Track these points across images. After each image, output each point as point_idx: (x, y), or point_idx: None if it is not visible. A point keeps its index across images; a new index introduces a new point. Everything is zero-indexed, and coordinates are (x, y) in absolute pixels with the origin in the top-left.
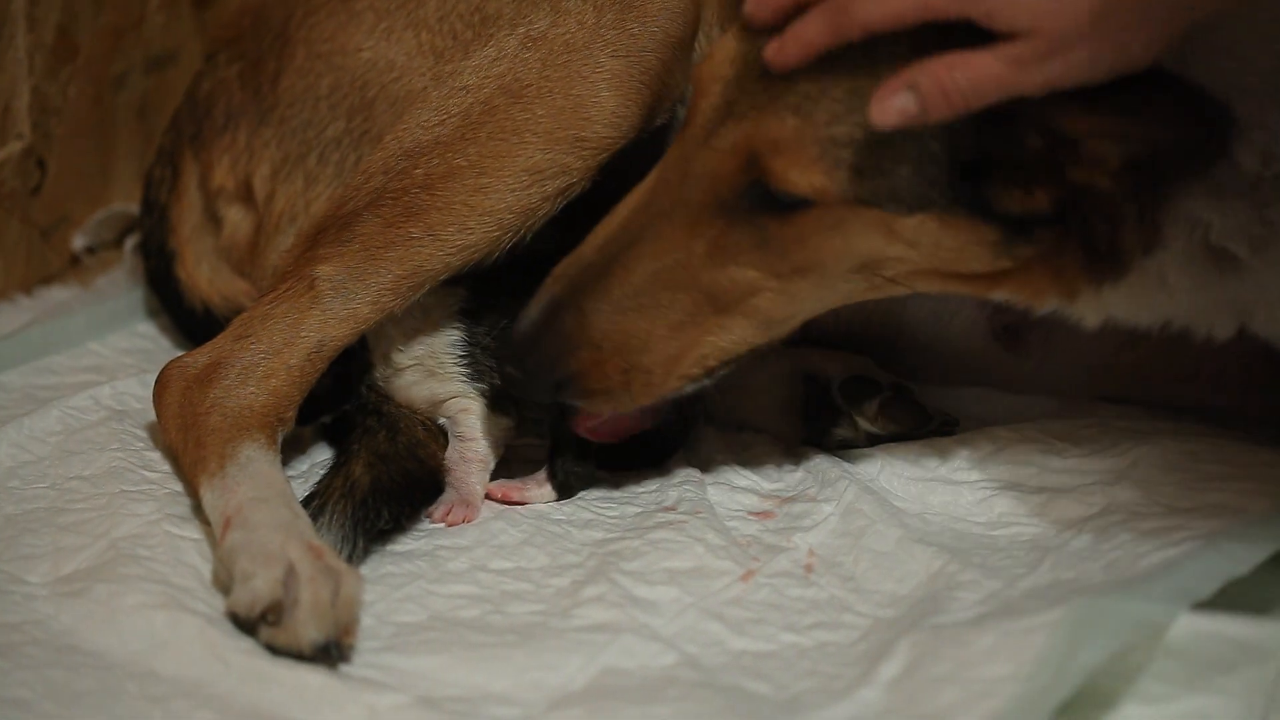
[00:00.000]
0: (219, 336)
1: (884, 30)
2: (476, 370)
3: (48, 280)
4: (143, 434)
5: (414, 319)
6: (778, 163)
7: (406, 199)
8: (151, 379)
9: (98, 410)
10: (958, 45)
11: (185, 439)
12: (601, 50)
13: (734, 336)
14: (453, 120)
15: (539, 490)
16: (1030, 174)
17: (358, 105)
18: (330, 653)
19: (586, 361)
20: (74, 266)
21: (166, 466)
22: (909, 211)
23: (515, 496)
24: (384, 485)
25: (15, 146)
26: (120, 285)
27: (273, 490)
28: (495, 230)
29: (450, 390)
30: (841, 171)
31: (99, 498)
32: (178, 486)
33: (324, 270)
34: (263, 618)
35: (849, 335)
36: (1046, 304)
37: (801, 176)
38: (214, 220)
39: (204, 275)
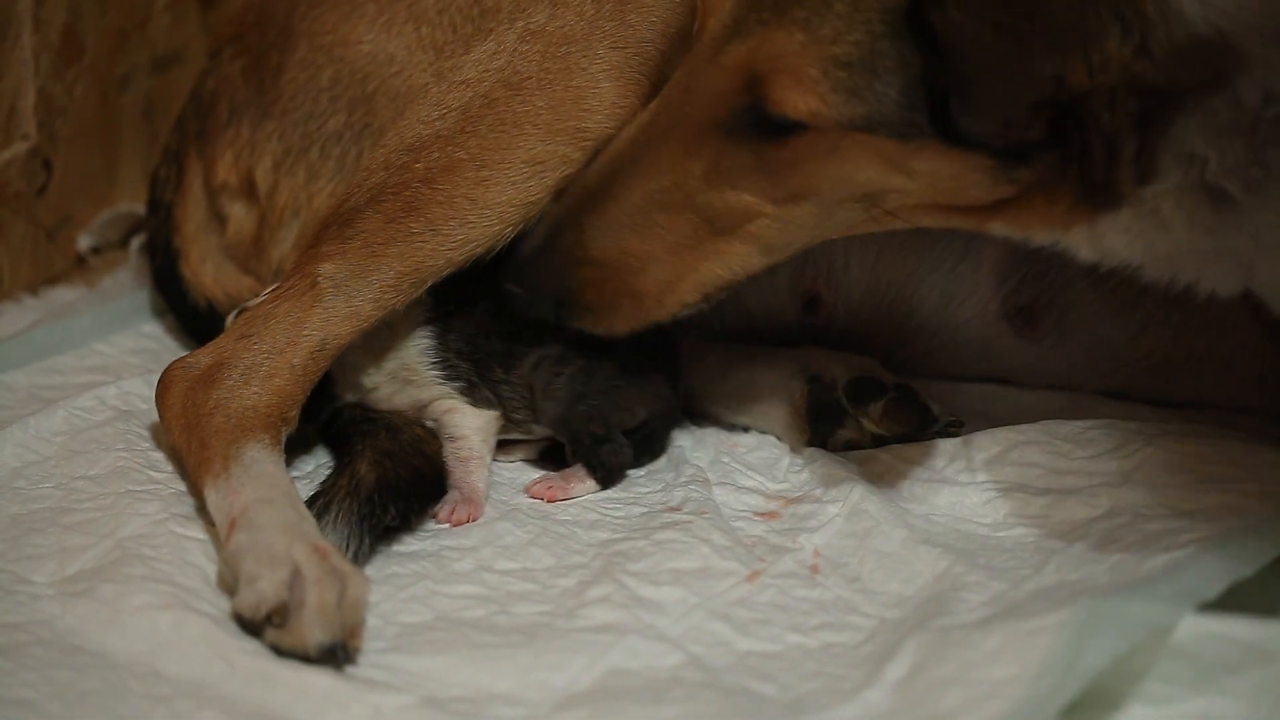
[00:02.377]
0: (221, 336)
1: None
2: (452, 371)
3: (53, 280)
4: (148, 434)
5: (381, 337)
6: (777, 83)
7: (407, 194)
8: (157, 379)
9: (103, 410)
10: None
11: (189, 440)
12: (600, 42)
13: (731, 262)
14: (453, 114)
15: (582, 485)
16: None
17: (358, 98)
18: (336, 655)
19: (586, 278)
20: (79, 267)
21: (172, 466)
22: (903, 138)
23: (560, 495)
24: (390, 482)
25: (21, 147)
26: (125, 285)
27: (277, 491)
28: (497, 223)
29: (431, 394)
30: (838, 95)
31: (104, 497)
32: (183, 486)
33: (326, 268)
34: (268, 620)
35: (858, 319)
36: (1043, 236)
37: (800, 98)
38: (218, 218)
39: (208, 273)
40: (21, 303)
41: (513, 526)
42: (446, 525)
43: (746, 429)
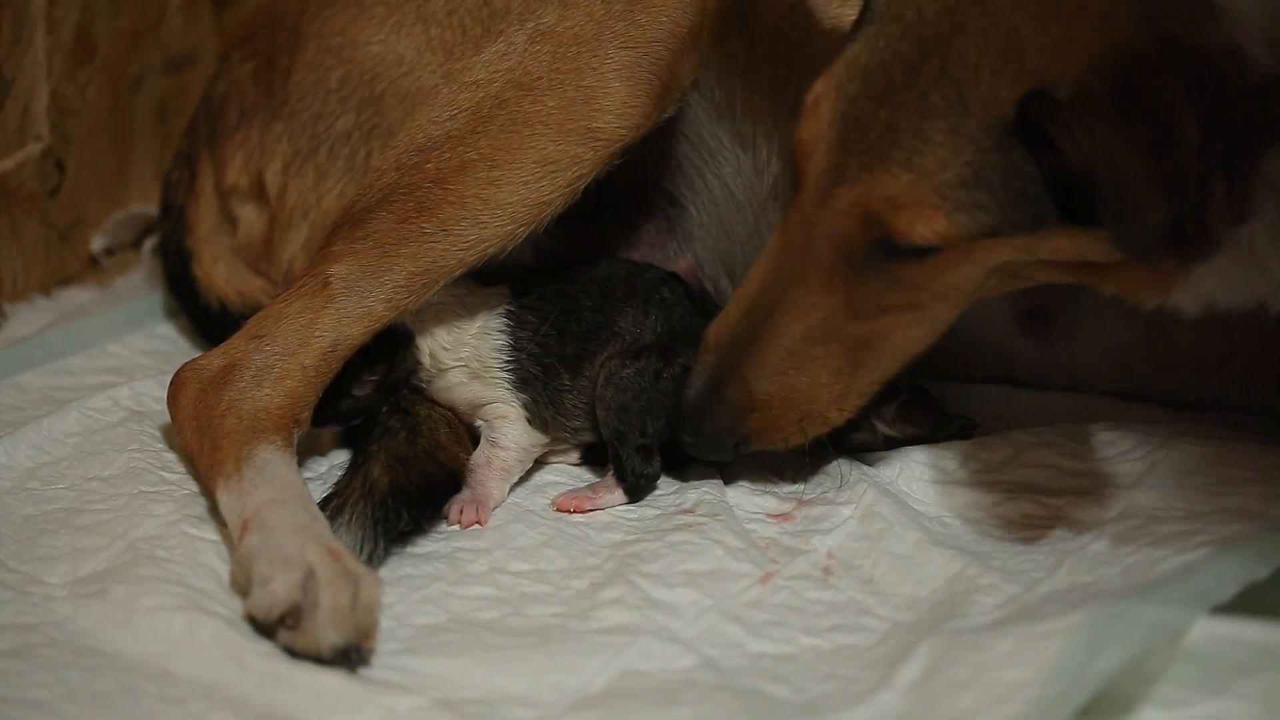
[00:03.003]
0: (233, 337)
1: None
2: (521, 378)
3: (66, 281)
4: (161, 435)
5: (458, 320)
6: (900, 219)
7: (419, 194)
8: (169, 380)
9: (116, 411)
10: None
11: (201, 441)
12: (610, 42)
13: (888, 364)
14: (463, 115)
15: (609, 495)
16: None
17: (367, 99)
18: (350, 656)
19: (760, 421)
20: (92, 268)
21: (184, 468)
22: (1028, 230)
23: (587, 506)
24: (403, 487)
25: (34, 148)
26: (138, 287)
27: (290, 492)
28: (508, 223)
29: (493, 395)
30: (961, 214)
31: (117, 499)
32: (196, 488)
33: (337, 269)
34: (281, 621)
35: None
36: (1150, 297)
37: (926, 227)
38: (229, 220)
39: (220, 274)
40: (34, 304)
41: (526, 528)
42: (457, 525)
43: None
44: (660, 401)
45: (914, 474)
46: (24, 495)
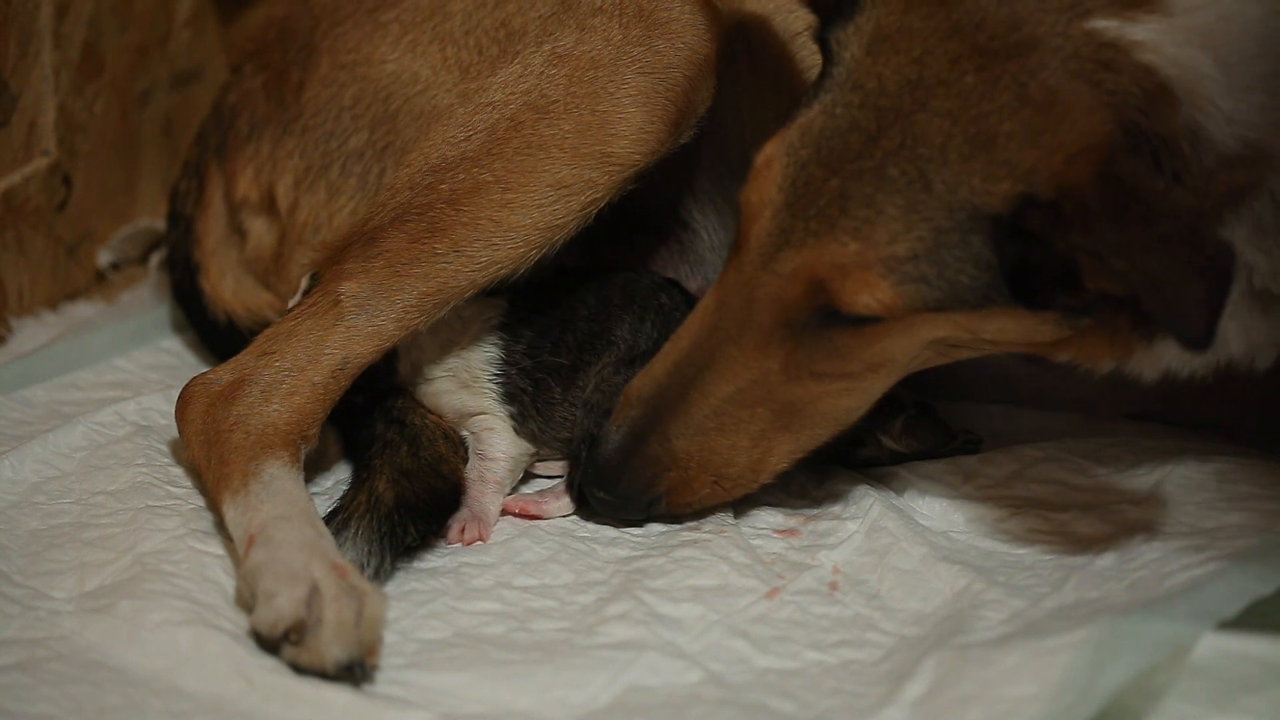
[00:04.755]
0: (242, 353)
1: None
2: (508, 391)
3: (73, 296)
4: (167, 449)
5: (451, 330)
6: (845, 287)
7: (432, 214)
8: (176, 395)
9: (123, 426)
10: None
11: (208, 456)
12: (628, 67)
13: (812, 434)
14: (479, 136)
15: (557, 503)
16: (1073, 273)
17: (381, 117)
18: (354, 672)
19: (675, 481)
20: (99, 282)
21: (191, 482)
22: (975, 308)
23: (533, 511)
24: (409, 502)
25: (41, 163)
26: (145, 301)
27: (296, 508)
28: (521, 246)
29: (480, 405)
30: (908, 286)
31: (124, 513)
32: (202, 502)
33: (349, 287)
34: (286, 637)
35: None
36: (1105, 363)
37: (871, 297)
38: (238, 233)
39: (228, 287)
40: (41, 318)
41: (531, 543)
42: (458, 544)
43: None
44: None
45: (920, 489)
46: (30, 510)
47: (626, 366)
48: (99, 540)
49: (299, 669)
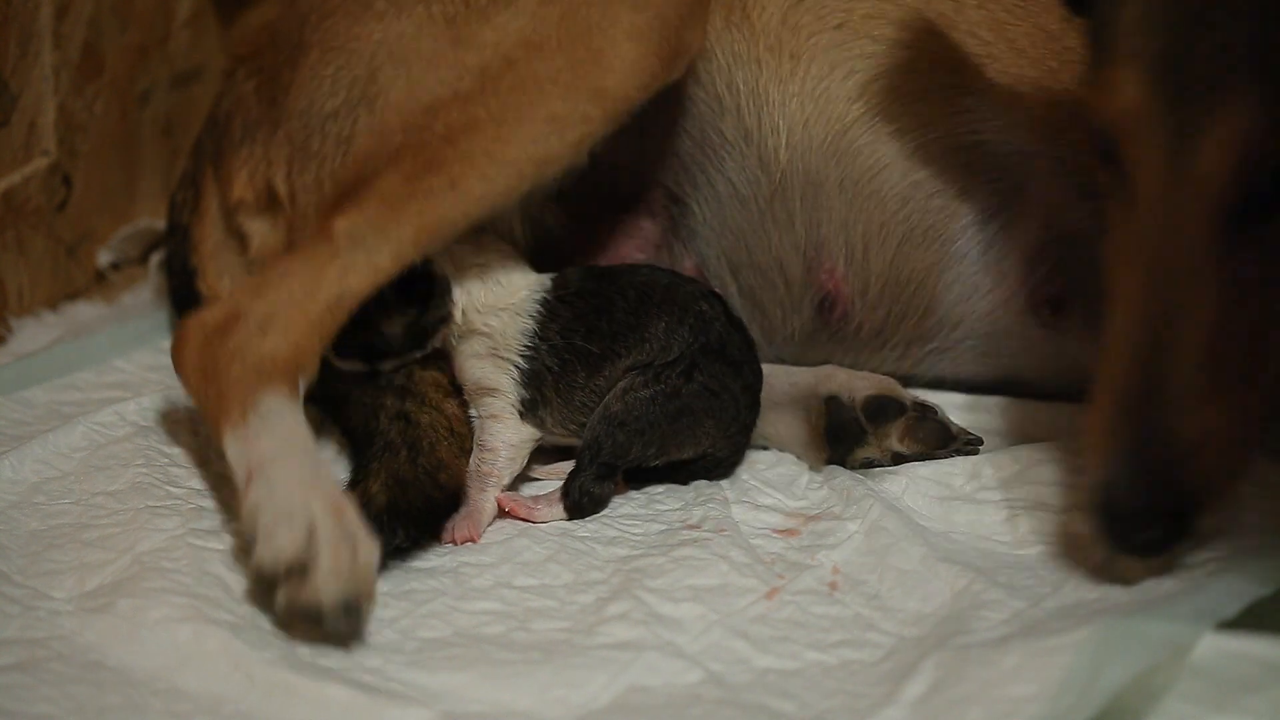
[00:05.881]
0: (235, 290)
1: None
2: (533, 369)
3: (73, 296)
4: (167, 450)
5: (500, 291)
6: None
7: (428, 152)
8: (176, 395)
9: (123, 426)
10: None
11: (206, 390)
12: (620, 4)
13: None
14: (471, 75)
15: (549, 509)
16: None
17: (360, 77)
18: (351, 612)
19: (1204, 473)
20: (99, 282)
21: (191, 482)
22: None
23: (521, 513)
24: (401, 509)
25: (41, 163)
26: (145, 302)
27: (294, 444)
28: (515, 179)
29: (496, 382)
30: None
31: (124, 513)
32: (203, 502)
33: (342, 224)
34: (286, 575)
35: (874, 314)
36: None
37: None
38: (236, 236)
39: (225, 288)
40: (41, 318)
41: (531, 543)
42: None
43: (765, 447)
44: (660, 429)
45: (920, 490)
46: (30, 510)
47: (655, 380)
48: (99, 540)
49: (294, 610)
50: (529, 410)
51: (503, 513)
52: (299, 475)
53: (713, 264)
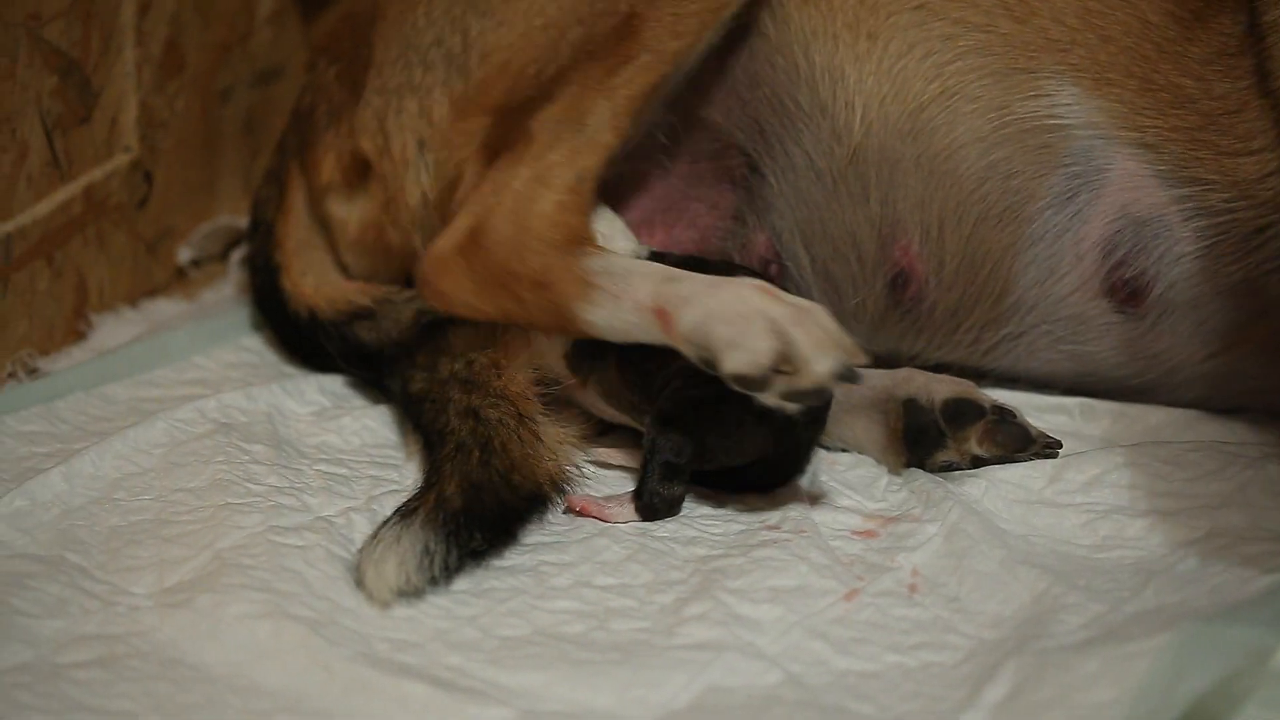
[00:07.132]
0: (456, 218)
1: None
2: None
3: (153, 293)
4: (247, 446)
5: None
6: None
7: (620, 28)
8: (256, 392)
9: (203, 423)
10: None
11: (513, 293)
12: None
13: None
14: None
15: (620, 510)
16: None
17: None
18: (848, 376)
19: None
20: (179, 279)
21: (271, 479)
22: None
23: (593, 512)
24: (476, 513)
25: (122, 159)
26: (225, 298)
27: (668, 271)
28: (698, 29)
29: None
30: None
31: (204, 510)
32: (283, 500)
33: (545, 122)
34: (776, 370)
35: (949, 295)
36: None
37: None
38: (324, 228)
39: (309, 284)
40: (121, 315)
41: (611, 542)
42: (545, 540)
43: (844, 449)
44: (712, 430)
45: (999, 493)
46: (110, 506)
47: (707, 383)
48: (178, 537)
49: (794, 396)
50: (582, 359)
51: (576, 512)
52: (708, 282)
53: (785, 237)
